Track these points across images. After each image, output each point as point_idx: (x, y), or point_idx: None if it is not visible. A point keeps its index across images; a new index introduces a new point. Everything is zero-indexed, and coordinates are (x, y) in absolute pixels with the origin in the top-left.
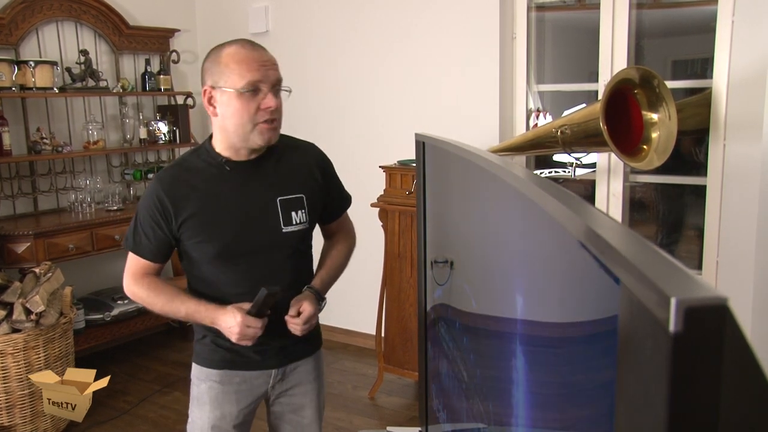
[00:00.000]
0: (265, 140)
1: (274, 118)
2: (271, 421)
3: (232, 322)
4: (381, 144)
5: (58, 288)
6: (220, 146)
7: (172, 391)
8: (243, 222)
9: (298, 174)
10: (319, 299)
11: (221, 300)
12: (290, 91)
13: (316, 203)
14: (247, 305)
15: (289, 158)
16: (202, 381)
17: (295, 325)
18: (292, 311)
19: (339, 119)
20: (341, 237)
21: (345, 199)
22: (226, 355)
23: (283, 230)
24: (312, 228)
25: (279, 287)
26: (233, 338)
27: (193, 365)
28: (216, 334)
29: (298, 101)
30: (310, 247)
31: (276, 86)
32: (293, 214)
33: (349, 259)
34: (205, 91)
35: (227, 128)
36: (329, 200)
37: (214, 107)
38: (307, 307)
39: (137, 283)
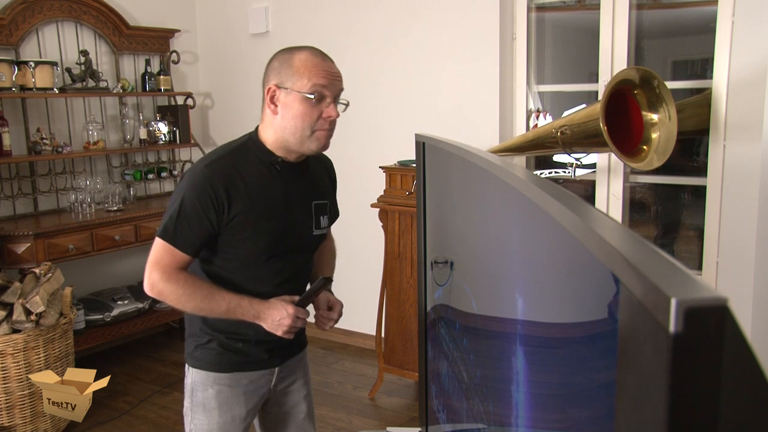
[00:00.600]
0: (320, 147)
1: (332, 127)
2: (266, 424)
3: (283, 314)
4: (381, 144)
5: (58, 288)
6: (273, 144)
7: (172, 392)
8: (286, 222)
9: (322, 180)
10: None
11: (248, 294)
12: (347, 105)
13: (331, 210)
14: (288, 297)
15: (315, 166)
16: (209, 386)
17: (328, 319)
18: (323, 306)
19: (339, 119)
20: (329, 243)
21: (337, 212)
22: (233, 357)
23: (313, 233)
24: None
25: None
26: (279, 331)
27: (194, 371)
28: (226, 337)
29: None
30: None
31: (338, 98)
32: (321, 218)
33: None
34: (269, 89)
35: (286, 128)
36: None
37: (276, 106)
38: (336, 302)
39: (171, 278)
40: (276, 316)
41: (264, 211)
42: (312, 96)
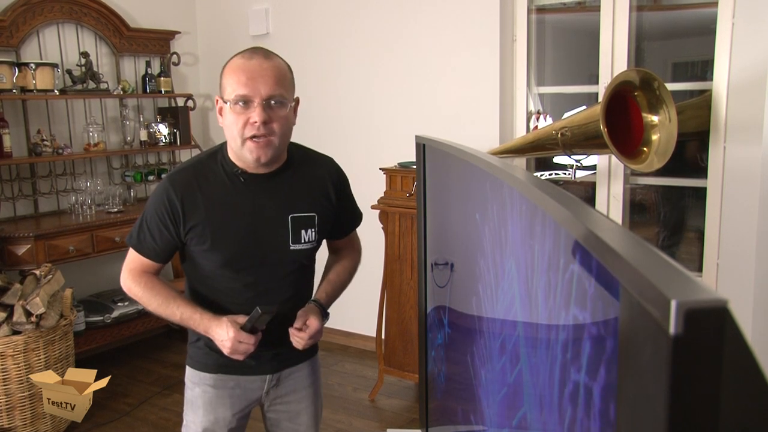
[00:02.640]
0: (254, 158)
1: (264, 134)
2: (267, 429)
3: (224, 335)
4: (381, 146)
5: (59, 290)
6: (233, 156)
7: (172, 393)
8: (250, 236)
9: (313, 191)
10: (324, 314)
11: (219, 307)
12: (283, 102)
13: (327, 223)
14: (242, 318)
15: (305, 173)
16: (196, 385)
17: (299, 338)
18: (297, 323)
19: (339, 121)
20: (347, 253)
21: (356, 218)
22: (219, 359)
23: (291, 247)
24: (319, 246)
25: (275, 306)
26: (225, 351)
27: (187, 368)
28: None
29: None
30: (314, 262)
31: (269, 99)
32: (303, 232)
33: (353, 276)
34: (217, 100)
35: (229, 139)
36: (340, 219)
37: (222, 117)
38: (313, 322)
39: (135, 280)
40: (219, 336)
41: (223, 223)
42: (234, 104)
